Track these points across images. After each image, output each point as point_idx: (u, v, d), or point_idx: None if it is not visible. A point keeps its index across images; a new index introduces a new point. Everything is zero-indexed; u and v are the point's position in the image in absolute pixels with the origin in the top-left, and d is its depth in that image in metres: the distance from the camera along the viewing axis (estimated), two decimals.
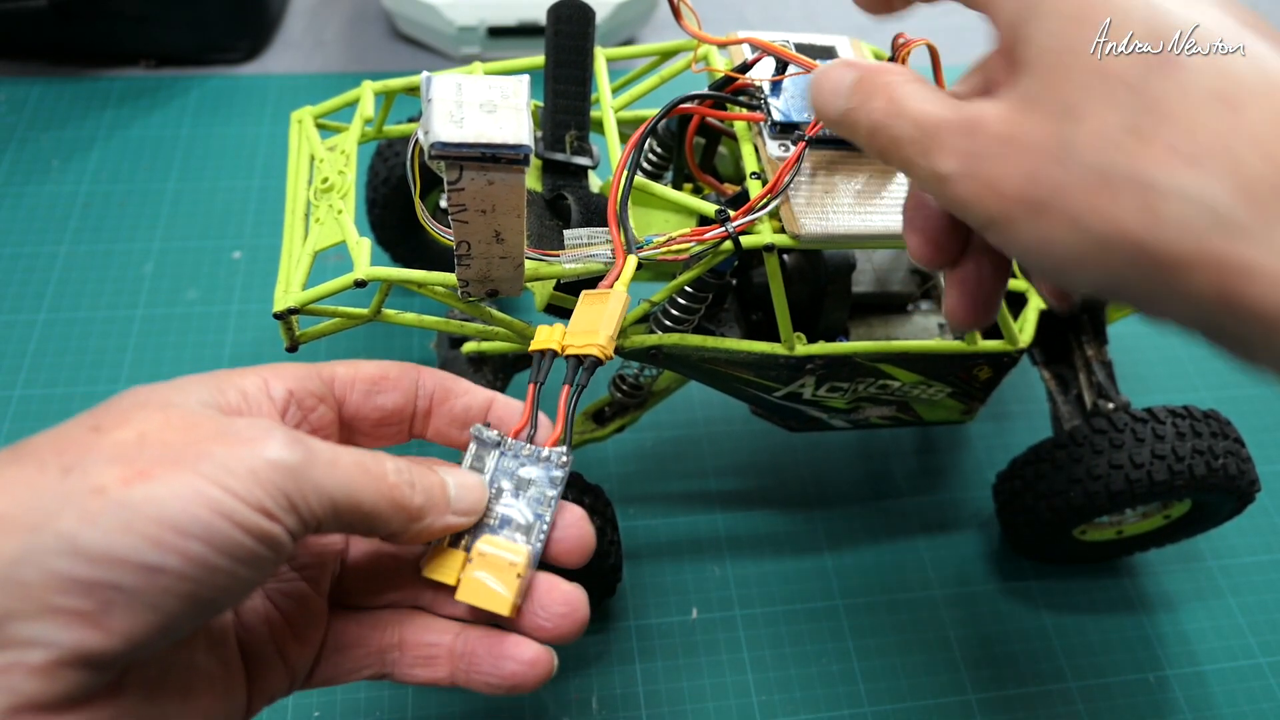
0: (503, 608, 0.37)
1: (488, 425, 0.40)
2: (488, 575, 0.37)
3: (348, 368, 0.37)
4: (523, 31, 1.04)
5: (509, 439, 0.40)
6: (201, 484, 0.28)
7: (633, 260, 0.46)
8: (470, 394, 0.40)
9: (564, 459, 0.39)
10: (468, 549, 0.38)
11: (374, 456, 0.34)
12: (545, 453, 0.40)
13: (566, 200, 0.54)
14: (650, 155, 0.66)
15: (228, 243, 0.88)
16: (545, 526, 0.38)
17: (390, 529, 0.34)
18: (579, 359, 0.41)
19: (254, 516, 0.29)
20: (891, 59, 0.55)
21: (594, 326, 0.42)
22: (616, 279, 0.46)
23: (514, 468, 0.40)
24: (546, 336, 0.42)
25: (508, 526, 0.39)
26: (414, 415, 0.39)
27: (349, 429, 0.38)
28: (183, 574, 0.27)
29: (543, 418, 0.41)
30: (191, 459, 0.28)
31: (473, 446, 0.40)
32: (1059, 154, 0.27)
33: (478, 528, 0.39)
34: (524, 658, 0.37)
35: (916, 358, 0.62)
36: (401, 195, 0.74)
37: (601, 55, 0.61)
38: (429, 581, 0.38)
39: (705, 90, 0.58)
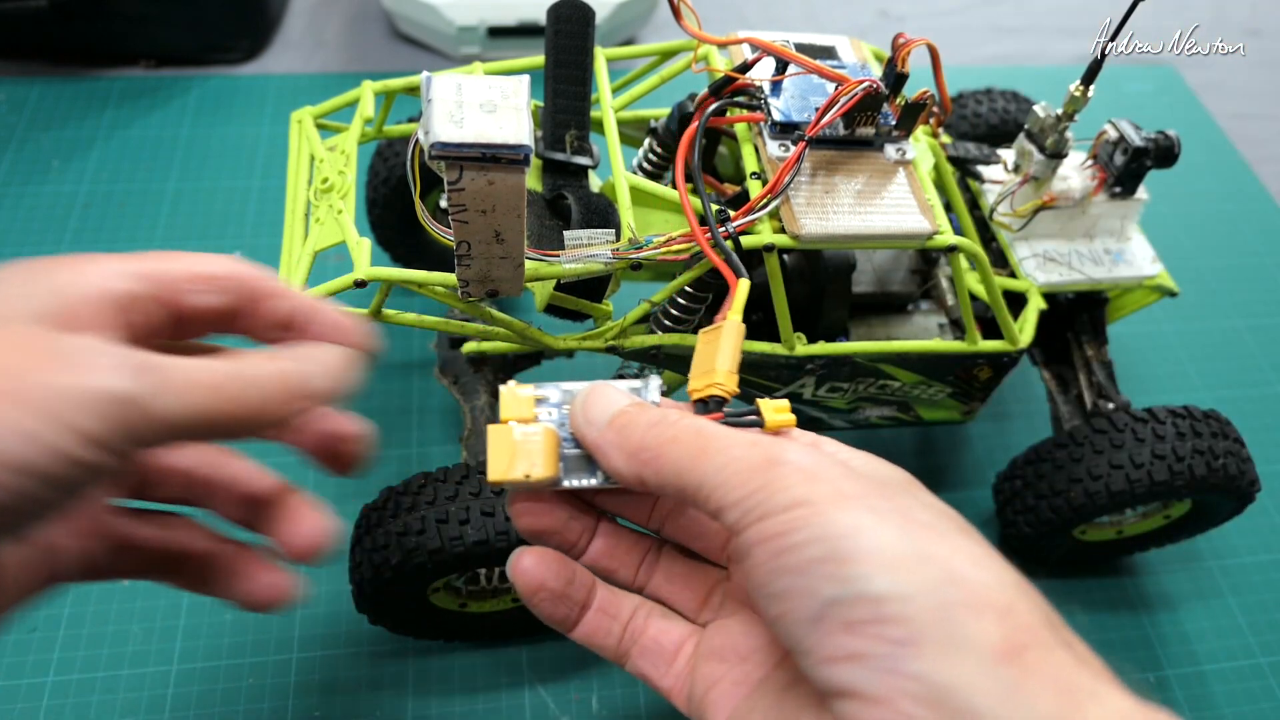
0: (490, 474, 0.36)
1: (663, 390, 0.39)
2: (517, 447, 0.36)
3: (172, 262, 0.36)
4: (523, 31, 1.04)
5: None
6: (23, 417, 0.27)
7: (745, 284, 0.43)
8: (287, 299, 0.38)
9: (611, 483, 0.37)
10: (540, 418, 0.38)
11: (226, 370, 0.32)
12: None
13: (566, 200, 0.54)
14: (650, 155, 0.66)
15: (228, 243, 0.88)
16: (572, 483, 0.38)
17: (239, 436, 0.34)
18: (704, 401, 0.39)
19: (78, 449, 0.28)
20: (892, 59, 0.55)
21: (711, 365, 0.40)
22: (730, 309, 0.42)
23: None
24: (704, 384, 0.39)
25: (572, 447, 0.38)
26: (239, 314, 0.37)
27: (181, 328, 0.36)
28: (2, 505, 0.27)
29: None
30: (14, 389, 0.28)
31: (638, 381, 0.39)
32: None
33: (563, 417, 0.38)
34: (270, 581, 0.38)
35: (916, 358, 0.62)
36: (401, 195, 0.74)
37: (601, 55, 0.61)
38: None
39: (706, 91, 0.58)
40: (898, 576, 0.29)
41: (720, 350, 0.40)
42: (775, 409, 0.38)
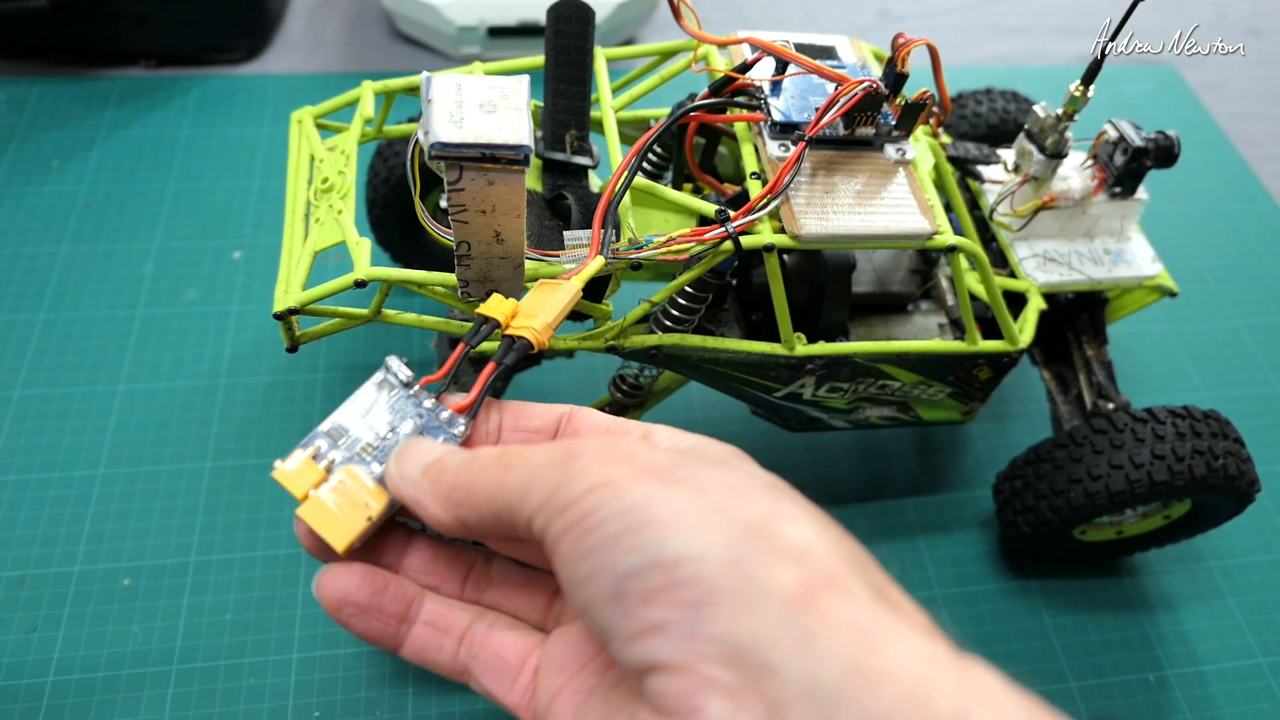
0: (338, 543, 0.35)
1: (406, 363, 0.39)
2: (337, 503, 0.36)
3: None
4: (523, 31, 1.04)
5: (417, 385, 0.38)
6: None
7: (599, 260, 0.45)
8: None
9: (462, 429, 0.38)
10: (329, 470, 0.36)
11: None
12: (445, 414, 0.38)
13: (566, 200, 0.54)
14: (650, 155, 0.66)
15: (228, 243, 0.88)
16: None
17: None
18: (512, 339, 0.40)
19: None
20: (891, 59, 0.55)
21: (537, 312, 0.41)
22: (577, 274, 0.44)
23: (408, 412, 0.38)
24: (496, 306, 0.41)
25: (375, 464, 0.37)
26: None
27: None
28: None
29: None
30: None
31: (379, 374, 0.38)
32: None
33: (346, 450, 0.37)
34: None
35: (916, 358, 0.62)
36: (401, 195, 0.74)
37: (601, 55, 0.61)
38: None
39: (705, 91, 0.58)
40: (692, 538, 0.28)
41: (549, 304, 0.41)
42: (497, 303, 0.40)
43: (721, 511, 0.29)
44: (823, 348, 0.59)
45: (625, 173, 0.50)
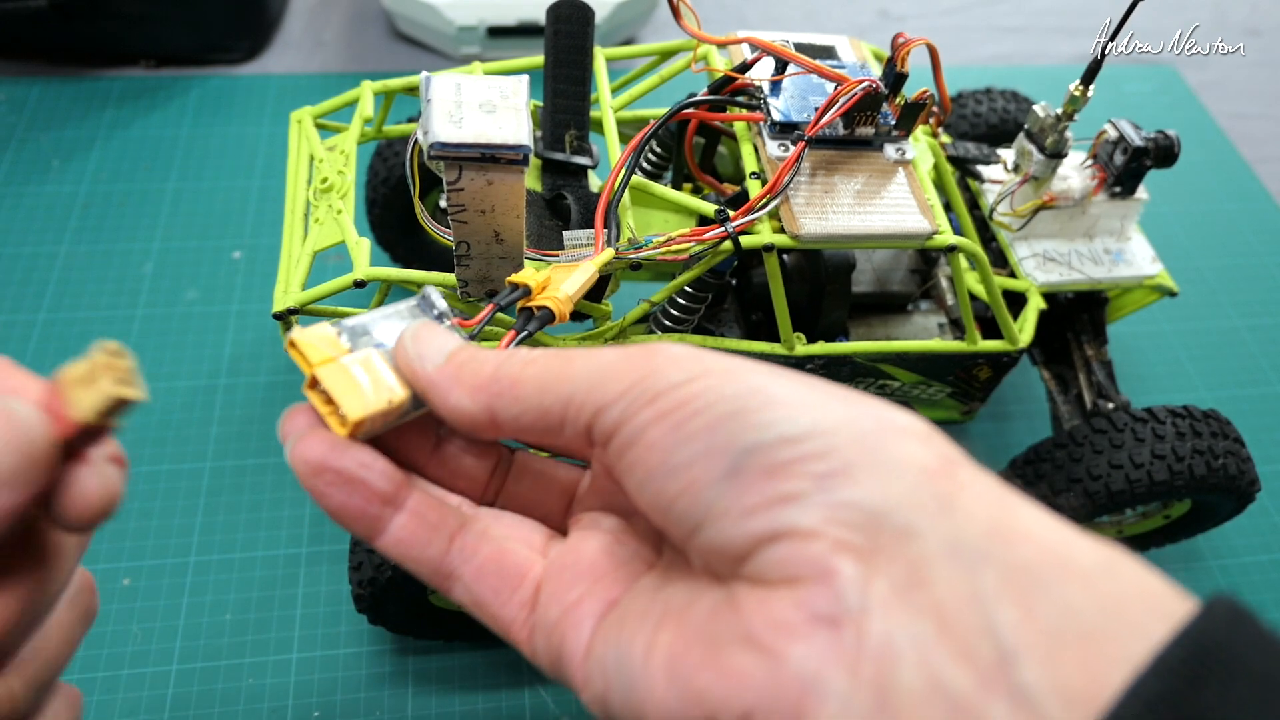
0: (353, 411, 0.30)
1: (443, 294, 0.37)
2: (363, 376, 0.31)
3: None
4: (522, 31, 1.04)
5: (450, 322, 0.35)
6: None
7: (609, 251, 0.46)
8: None
9: None
10: (353, 347, 0.32)
11: None
12: None
13: (566, 200, 0.54)
14: (650, 155, 0.66)
15: (228, 243, 0.88)
16: (414, 412, 0.34)
17: None
18: (531, 310, 0.40)
19: None
20: (891, 59, 0.55)
21: (557, 286, 0.41)
22: (592, 260, 0.44)
23: None
24: (530, 276, 0.40)
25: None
26: None
27: None
28: None
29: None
30: None
31: (412, 300, 0.35)
32: None
33: (364, 350, 0.33)
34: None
35: (916, 358, 0.62)
36: (401, 195, 0.74)
37: (601, 55, 0.61)
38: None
39: (705, 91, 0.58)
40: (820, 414, 0.28)
41: (570, 278, 0.41)
42: (533, 271, 0.39)
43: (836, 398, 0.29)
44: (822, 347, 0.59)
45: (623, 169, 0.50)
